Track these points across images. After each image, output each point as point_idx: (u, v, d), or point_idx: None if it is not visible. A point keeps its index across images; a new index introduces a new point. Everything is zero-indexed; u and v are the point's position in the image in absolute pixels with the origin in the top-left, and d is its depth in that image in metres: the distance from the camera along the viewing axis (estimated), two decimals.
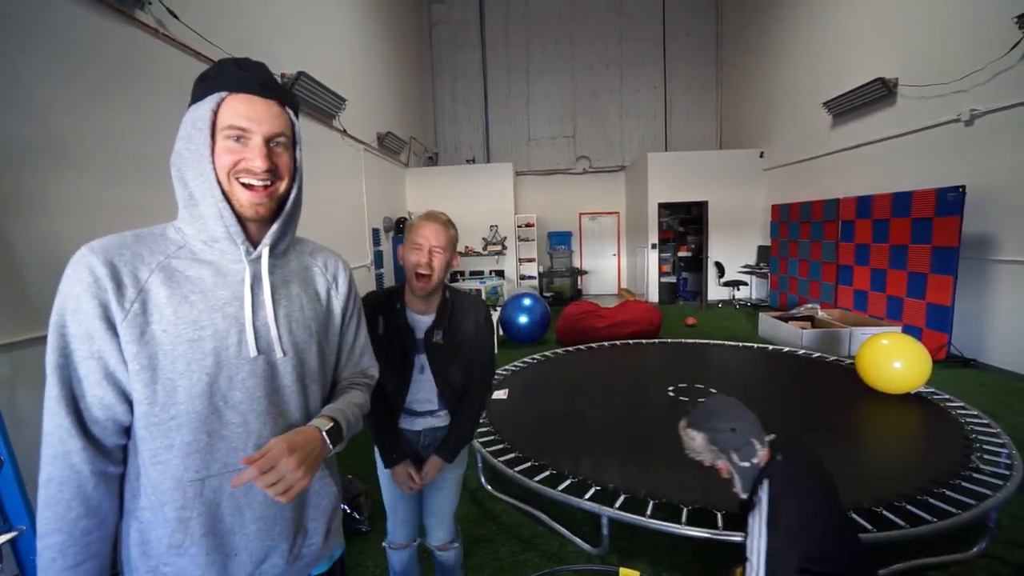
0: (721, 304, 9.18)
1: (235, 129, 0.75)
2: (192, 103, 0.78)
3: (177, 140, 0.78)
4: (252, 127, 0.76)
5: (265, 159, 0.76)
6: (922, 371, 3.27)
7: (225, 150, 0.76)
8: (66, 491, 0.70)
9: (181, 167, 0.78)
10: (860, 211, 6.05)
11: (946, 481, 2.24)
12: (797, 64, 7.90)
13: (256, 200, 0.78)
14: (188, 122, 0.77)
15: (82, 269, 0.70)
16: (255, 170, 0.76)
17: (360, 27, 7.27)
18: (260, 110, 0.76)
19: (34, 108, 2.41)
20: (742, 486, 1.39)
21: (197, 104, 0.77)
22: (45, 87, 2.47)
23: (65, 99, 2.57)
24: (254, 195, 0.77)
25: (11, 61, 2.31)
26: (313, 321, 0.88)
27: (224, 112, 0.75)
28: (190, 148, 0.76)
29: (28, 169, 2.37)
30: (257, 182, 0.77)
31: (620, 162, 11.18)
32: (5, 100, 2.28)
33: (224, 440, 0.77)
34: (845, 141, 6.79)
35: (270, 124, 0.77)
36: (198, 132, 0.75)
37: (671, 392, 3.62)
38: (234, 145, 0.76)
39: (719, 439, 1.38)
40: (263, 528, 0.81)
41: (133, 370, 0.72)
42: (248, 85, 0.76)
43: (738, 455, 1.36)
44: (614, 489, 2.30)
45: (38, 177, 2.41)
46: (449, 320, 1.54)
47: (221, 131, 0.75)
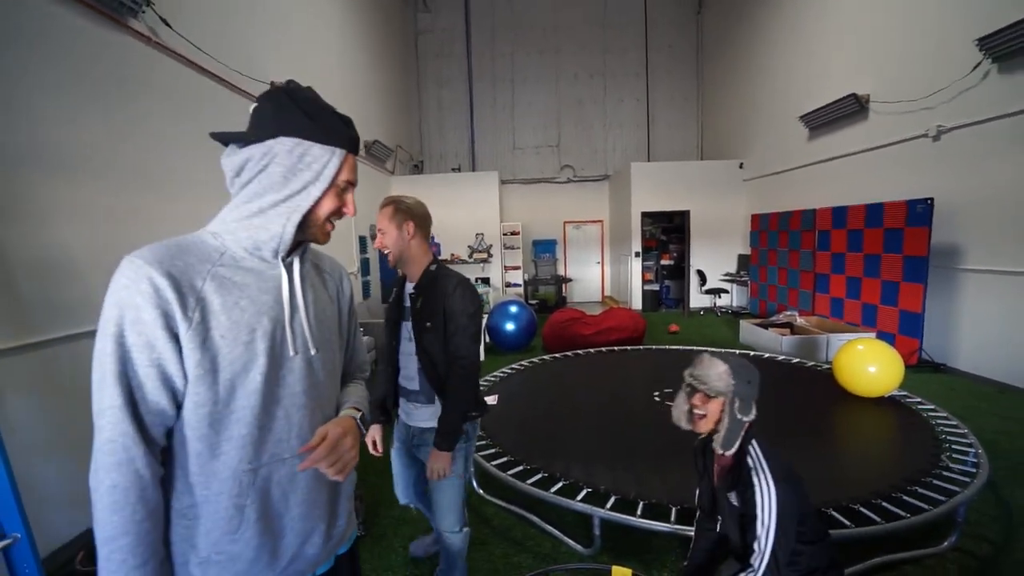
0: (703, 311, 9.37)
1: (349, 184, 0.90)
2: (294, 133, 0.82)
3: (272, 162, 0.82)
4: (355, 181, 0.92)
5: (354, 208, 0.93)
6: (895, 375, 3.42)
7: (332, 197, 0.88)
8: (132, 496, 0.73)
9: (267, 186, 0.83)
10: (836, 221, 6.28)
11: (918, 479, 2.36)
12: (775, 78, 8.17)
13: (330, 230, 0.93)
14: (295, 153, 0.82)
15: (141, 280, 0.73)
16: (348, 214, 0.92)
17: (347, 35, 7.31)
18: (356, 167, 0.92)
19: (27, 115, 2.40)
20: (724, 440, 1.39)
21: (310, 144, 0.83)
22: (39, 94, 2.47)
23: (59, 106, 2.56)
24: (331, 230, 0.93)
25: (4, 68, 2.30)
26: (333, 320, 0.98)
27: (345, 169, 0.88)
28: (288, 178, 0.83)
29: (21, 176, 2.36)
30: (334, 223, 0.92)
31: (604, 171, 11.37)
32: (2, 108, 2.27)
33: (271, 432, 0.84)
34: (821, 153, 7.04)
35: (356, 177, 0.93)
36: (312, 173, 0.84)
37: (656, 397, 3.71)
38: (340, 192, 0.89)
39: (735, 381, 1.37)
40: (305, 511, 0.89)
41: (196, 375, 0.76)
42: (356, 147, 0.90)
43: (740, 406, 1.37)
44: (605, 491, 2.37)
45: (31, 184, 2.41)
46: (428, 287, 1.70)
47: (339, 182, 0.88)
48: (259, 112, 0.84)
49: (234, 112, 4.12)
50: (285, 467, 0.86)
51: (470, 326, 1.71)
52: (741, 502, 1.37)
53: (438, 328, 1.68)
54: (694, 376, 1.43)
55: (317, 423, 0.90)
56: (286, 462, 0.86)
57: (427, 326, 1.68)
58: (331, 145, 0.84)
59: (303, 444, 0.87)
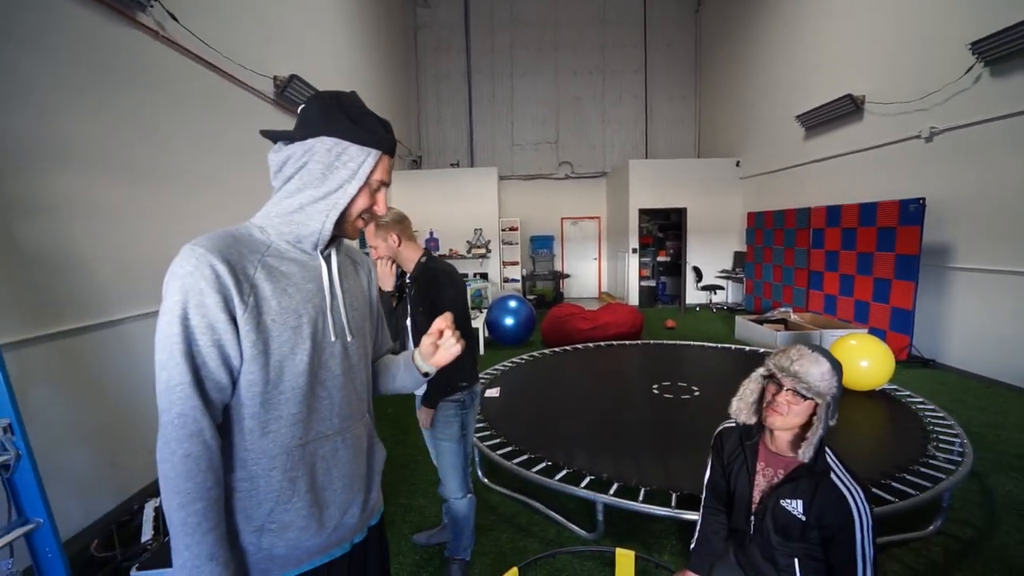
0: (699, 308, 9.49)
1: (382, 184, 0.94)
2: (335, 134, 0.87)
3: (312, 159, 0.88)
4: (389, 181, 0.96)
5: (385, 206, 0.98)
6: (886, 370, 3.53)
7: (366, 195, 0.93)
8: (203, 463, 0.80)
9: (306, 182, 0.89)
10: (830, 220, 6.39)
11: (906, 467, 2.46)
12: (772, 77, 8.26)
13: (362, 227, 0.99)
14: (333, 152, 0.88)
15: (204, 266, 0.79)
16: (379, 212, 0.97)
17: (347, 30, 7.32)
18: (391, 168, 0.97)
19: (37, 110, 2.44)
20: (812, 450, 1.27)
21: (349, 144, 0.88)
22: (51, 90, 2.51)
23: (66, 100, 2.60)
24: (362, 225, 0.98)
25: (14, 64, 2.34)
26: (364, 307, 1.05)
27: (379, 169, 0.93)
28: (326, 175, 0.88)
29: (35, 171, 2.40)
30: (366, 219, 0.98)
31: (602, 168, 11.44)
32: (8, 102, 2.31)
33: (316, 412, 0.91)
34: (816, 153, 7.14)
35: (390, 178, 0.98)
36: (348, 171, 0.89)
37: (655, 390, 3.80)
38: (373, 191, 0.94)
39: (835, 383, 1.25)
40: (346, 484, 0.97)
41: (251, 355, 0.83)
42: (392, 149, 0.94)
43: (831, 412, 1.26)
44: (607, 478, 2.46)
45: (44, 179, 2.45)
46: (419, 278, 1.96)
47: (373, 181, 0.92)
48: (305, 112, 0.89)
49: (235, 106, 4.16)
50: (328, 443, 0.93)
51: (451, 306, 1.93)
52: (811, 511, 1.27)
53: (427, 312, 1.92)
54: (792, 373, 1.26)
55: (353, 403, 0.98)
56: (329, 439, 0.93)
57: (419, 310, 1.96)
58: (367, 146, 0.89)
59: (343, 422, 0.96)
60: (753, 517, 1.40)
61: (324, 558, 0.96)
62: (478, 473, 2.97)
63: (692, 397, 3.65)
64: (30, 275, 2.37)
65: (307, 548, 0.92)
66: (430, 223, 9.70)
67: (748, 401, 1.42)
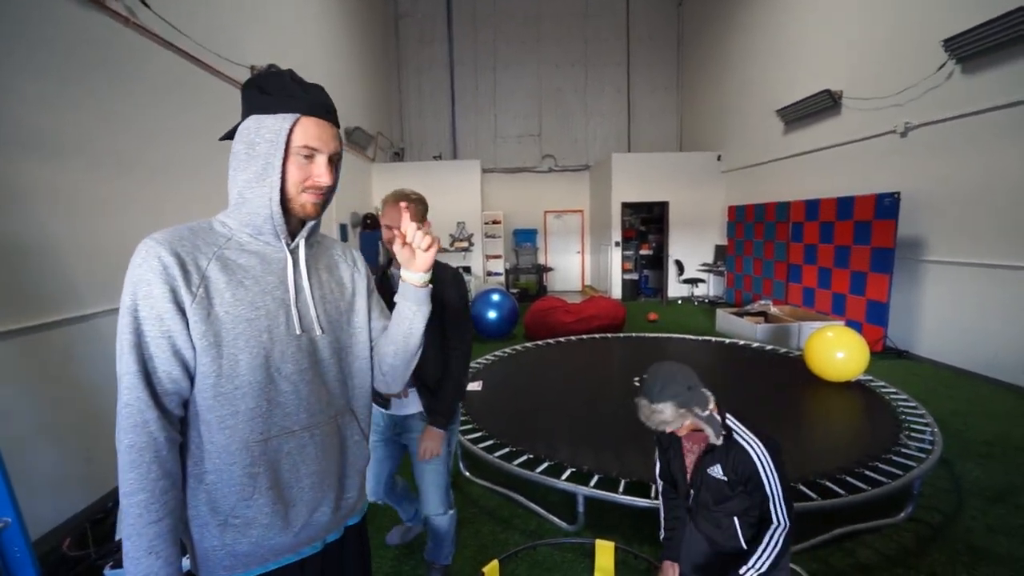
0: (681, 301, 9.59)
1: (308, 149, 0.87)
2: (253, 111, 0.86)
3: (235, 143, 0.87)
4: (321, 147, 0.88)
5: (330, 176, 0.91)
6: (862, 361, 3.61)
7: (296, 166, 0.87)
8: (146, 455, 0.78)
9: (236, 169, 0.88)
10: (808, 213, 6.49)
11: (879, 456, 2.52)
12: (753, 72, 8.33)
13: (317, 201, 0.92)
14: (252, 129, 0.86)
15: (152, 258, 0.80)
16: (321, 186, 0.90)
17: (327, 19, 7.19)
18: (326, 133, 0.89)
19: (9, 99, 2.35)
20: (714, 432, 1.41)
21: (263, 116, 0.85)
22: (19, 77, 2.41)
23: (38, 90, 2.50)
24: (316, 198, 0.91)
25: None
26: (340, 301, 1.01)
27: (298, 133, 0.86)
28: (251, 154, 0.86)
29: (3, 160, 2.31)
30: (318, 193, 0.91)
31: (585, 161, 11.45)
32: None
33: (280, 406, 0.89)
34: (796, 147, 7.24)
35: (332, 144, 0.91)
36: (267, 143, 0.85)
37: (637, 382, 3.83)
38: (303, 161, 0.88)
39: (683, 401, 1.37)
40: (315, 482, 0.93)
41: (201, 347, 0.82)
42: (318, 110, 0.88)
43: (700, 408, 1.39)
44: (588, 470, 2.47)
45: (13, 169, 2.36)
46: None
47: (295, 148, 0.86)
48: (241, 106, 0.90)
49: (213, 95, 4.05)
50: (294, 439, 0.90)
51: (466, 314, 1.85)
52: (728, 470, 1.43)
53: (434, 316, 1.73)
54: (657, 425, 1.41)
55: (324, 399, 0.94)
56: (295, 435, 0.90)
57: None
58: (282, 112, 0.85)
59: (312, 418, 0.92)
60: (692, 491, 1.54)
61: (293, 556, 0.95)
62: (460, 467, 2.96)
63: None
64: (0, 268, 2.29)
65: (272, 546, 0.90)
66: None
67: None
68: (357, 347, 1.03)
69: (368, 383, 1.06)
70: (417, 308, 1.02)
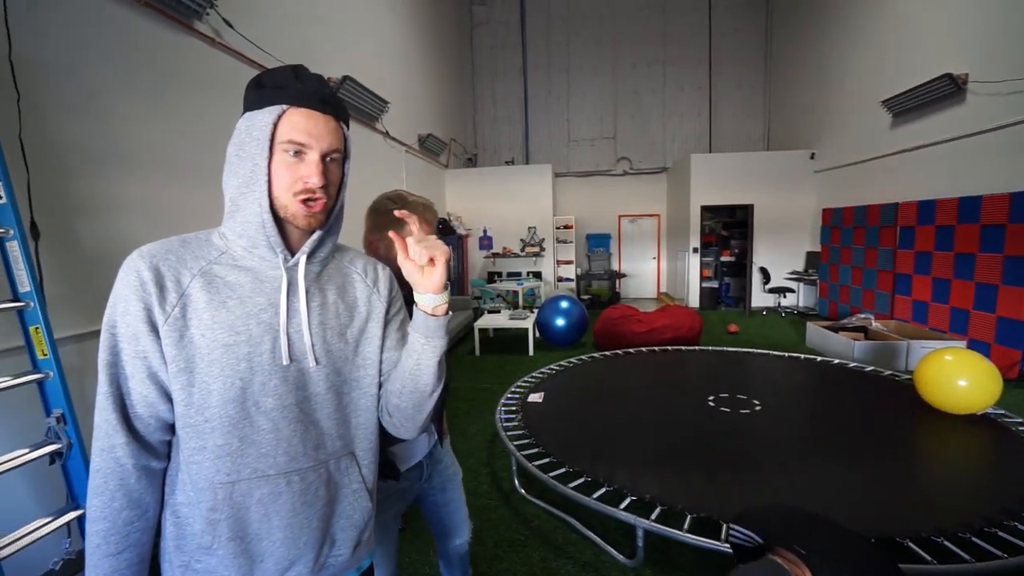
0: (766, 312, 8.86)
1: (294, 144, 0.76)
2: (247, 110, 0.79)
3: (229, 145, 0.80)
4: (311, 143, 0.77)
5: (321, 175, 0.77)
6: (991, 390, 3.04)
7: (283, 164, 0.77)
8: (111, 482, 0.73)
9: (228, 173, 0.79)
10: (921, 216, 5.70)
11: (1017, 513, 2.07)
12: (854, 61, 7.52)
13: (310, 213, 0.79)
14: (242, 129, 0.78)
15: (131, 272, 0.74)
16: (312, 186, 0.77)
17: (403, 31, 7.41)
18: (319, 126, 0.77)
19: (101, 117, 2.56)
20: None
21: (253, 113, 0.77)
22: (115, 97, 2.63)
23: (129, 108, 2.72)
24: (309, 209, 0.79)
25: (87, 76, 2.47)
26: (349, 328, 0.87)
27: (283, 126, 0.76)
28: (240, 155, 0.77)
29: (97, 175, 2.52)
30: (312, 197, 0.78)
31: (662, 163, 10.96)
32: (82, 112, 2.44)
33: (255, 445, 0.78)
34: (906, 142, 6.41)
35: (327, 140, 0.78)
36: (254, 142, 0.76)
37: (711, 402, 3.51)
38: (291, 159, 0.77)
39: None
40: (289, 536, 0.80)
41: (172, 372, 0.74)
42: (308, 100, 0.76)
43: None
44: (650, 500, 2.25)
45: (107, 181, 2.57)
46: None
47: (280, 144, 0.76)
48: None
49: None
50: (268, 485, 0.78)
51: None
52: None
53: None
54: None
55: (311, 442, 0.81)
56: (270, 479, 0.78)
57: None
58: (269, 105, 0.75)
59: (291, 462, 0.79)
60: None
61: None
62: (514, 483, 2.84)
63: (753, 412, 3.33)
64: (91, 271, 2.49)
65: None
66: (483, 221, 9.69)
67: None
68: (364, 381, 0.89)
69: (374, 423, 0.91)
70: (426, 340, 0.83)
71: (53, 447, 1.91)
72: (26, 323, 1.91)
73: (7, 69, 2.04)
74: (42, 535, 1.81)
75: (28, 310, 1.89)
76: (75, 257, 2.40)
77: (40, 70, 2.21)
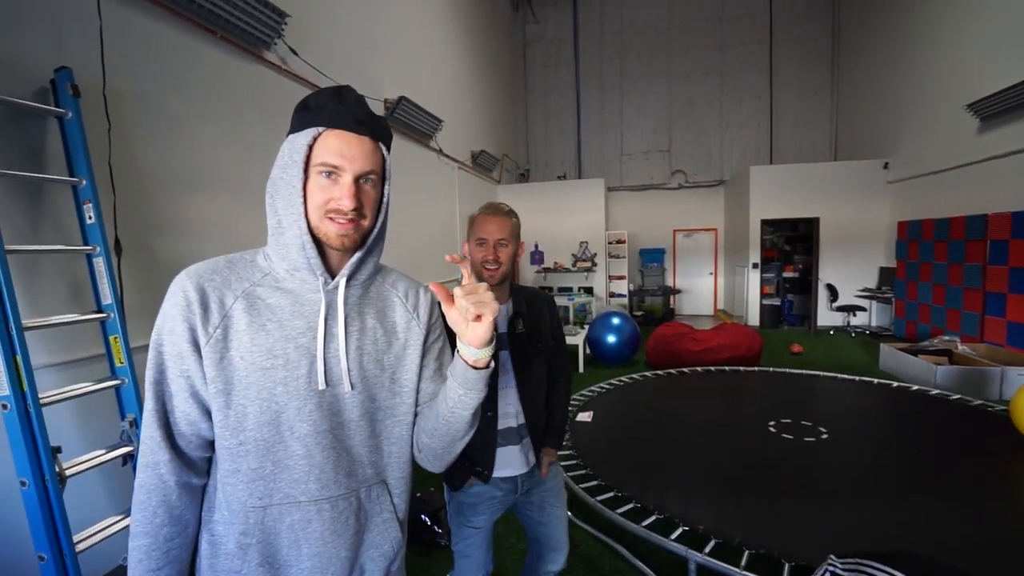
0: (833, 331, 8.28)
1: (327, 166, 0.77)
2: (291, 132, 0.81)
3: (274, 168, 0.82)
4: (344, 165, 0.77)
5: (353, 198, 0.77)
6: None
7: (317, 186, 0.78)
8: (154, 498, 0.75)
9: (274, 195, 0.81)
10: (1016, 229, 5.17)
11: None
12: (934, 62, 7.00)
13: (343, 232, 0.79)
14: (285, 152, 0.80)
15: (177, 292, 0.76)
16: (343, 209, 0.77)
17: (457, 50, 7.62)
18: (353, 148, 0.77)
19: (181, 143, 2.77)
20: None
21: (294, 135, 0.79)
22: (191, 124, 2.84)
23: (203, 133, 2.92)
24: (340, 228, 0.79)
25: (168, 105, 2.69)
26: (386, 354, 0.86)
27: (319, 148, 0.77)
28: (284, 178, 0.79)
29: (173, 195, 2.72)
30: (343, 219, 0.79)
31: (719, 176, 10.60)
32: (162, 138, 2.65)
33: (288, 470, 0.78)
34: (996, 148, 5.86)
35: (361, 162, 0.78)
36: (293, 164, 0.78)
37: (772, 427, 3.29)
38: (325, 181, 0.77)
39: None
40: (317, 566, 0.80)
41: (211, 393, 0.76)
42: (344, 121, 0.77)
43: None
44: (704, 531, 2.12)
45: (179, 202, 2.76)
46: (527, 308, 1.58)
47: (314, 167, 0.77)
48: None
49: None
50: (299, 511, 0.78)
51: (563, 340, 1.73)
52: None
53: (541, 350, 1.59)
54: None
55: (343, 469, 0.81)
56: (301, 506, 0.78)
57: (538, 347, 1.57)
58: (307, 128, 0.77)
59: (322, 488, 0.79)
60: None
61: None
62: None
63: (818, 440, 3.09)
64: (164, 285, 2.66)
65: None
66: (535, 236, 9.70)
67: None
68: (399, 409, 0.88)
69: (408, 452, 0.90)
70: (464, 392, 0.81)
71: (126, 449, 2.04)
72: (107, 333, 2.07)
73: (101, 102, 2.25)
74: (114, 531, 1.93)
75: (109, 321, 2.05)
76: (151, 271, 2.59)
77: (128, 101, 2.43)
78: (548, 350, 1.63)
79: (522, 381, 1.54)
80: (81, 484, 2.03)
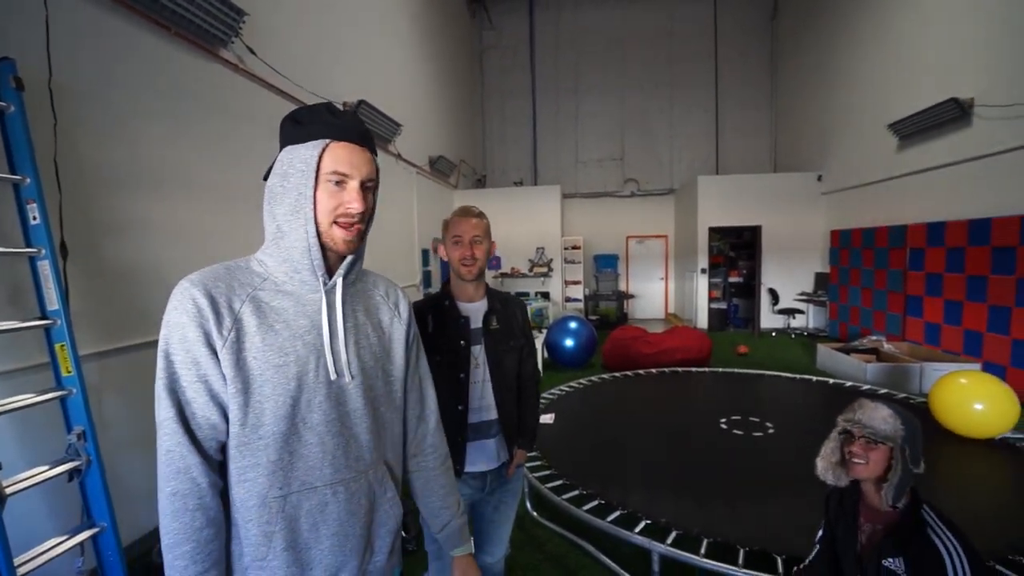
0: (775, 333, 8.80)
1: (337, 174, 0.83)
2: (286, 143, 0.85)
3: (271, 177, 0.86)
4: (352, 173, 0.84)
5: (361, 202, 0.85)
6: (1009, 415, 3.02)
7: (327, 193, 0.83)
8: (190, 502, 0.77)
9: (272, 203, 0.85)
10: (931, 238, 5.70)
11: None
12: (860, 84, 7.61)
13: (349, 238, 0.86)
14: (285, 161, 0.84)
15: (186, 300, 0.78)
16: (352, 212, 0.84)
17: (416, 55, 7.59)
18: (357, 158, 0.85)
19: (129, 141, 2.63)
20: (895, 492, 1.31)
21: (296, 146, 0.84)
22: (139, 120, 2.71)
23: (154, 131, 2.79)
24: (348, 233, 0.86)
25: (116, 101, 2.55)
26: (378, 347, 0.94)
27: (327, 158, 0.83)
28: (285, 186, 0.83)
29: (121, 195, 2.59)
30: (350, 223, 0.85)
31: (669, 185, 11.04)
32: (110, 135, 2.52)
33: (303, 459, 0.83)
34: (913, 164, 6.44)
35: (365, 169, 0.86)
36: (299, 173, 0.82)
37: (723, 424, 3.48)
38: (334, 188, 0.83)
39: (906, 424, 1.32)
40: (336, 544, 0.86)
41: (231, 393, 0.79)
42: (348, 134, 0.84)
43: (911, 454, 1.30)
44: (665, 524, 2.23)
45: (129, 201, 2.63)
46: (501, 307, 1.64)
47: (324, 175, 0.83)
48: None
49: None
50: (316, 496, 0.84)
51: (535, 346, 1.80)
52: (912, 569, 1.26)
53: (513, 347, 1.66)
54: (854, 421, 1.37)
55: (352, 452, 0.88)
56: (317, 491, 0.84)
57: (510, 345, 1.64)
58: (312, 140, 0.83)
59: (336, 473, 0.86)
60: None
61: None
62: (527, 506, 2.82)
63: (765, 434, 3.30)
64: (113, 289, 2.54)
65: None
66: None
67: (830, 460, 1.45)
68: (392, 396, 0.97)
69: (400, 436, 1.00)
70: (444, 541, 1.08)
71: (72, 464, 1.93)
72: (52, 340, 1.95)
73: (46, 96, 2.12)
74: (58, 553, 1.81)
75: (55, 328, 1.93)
76: (99, 275, 2.45)
77: (74, 96, 2.30)
78: (520, 348, 1.69)
79: (495, 376, 1.60)
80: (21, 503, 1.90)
